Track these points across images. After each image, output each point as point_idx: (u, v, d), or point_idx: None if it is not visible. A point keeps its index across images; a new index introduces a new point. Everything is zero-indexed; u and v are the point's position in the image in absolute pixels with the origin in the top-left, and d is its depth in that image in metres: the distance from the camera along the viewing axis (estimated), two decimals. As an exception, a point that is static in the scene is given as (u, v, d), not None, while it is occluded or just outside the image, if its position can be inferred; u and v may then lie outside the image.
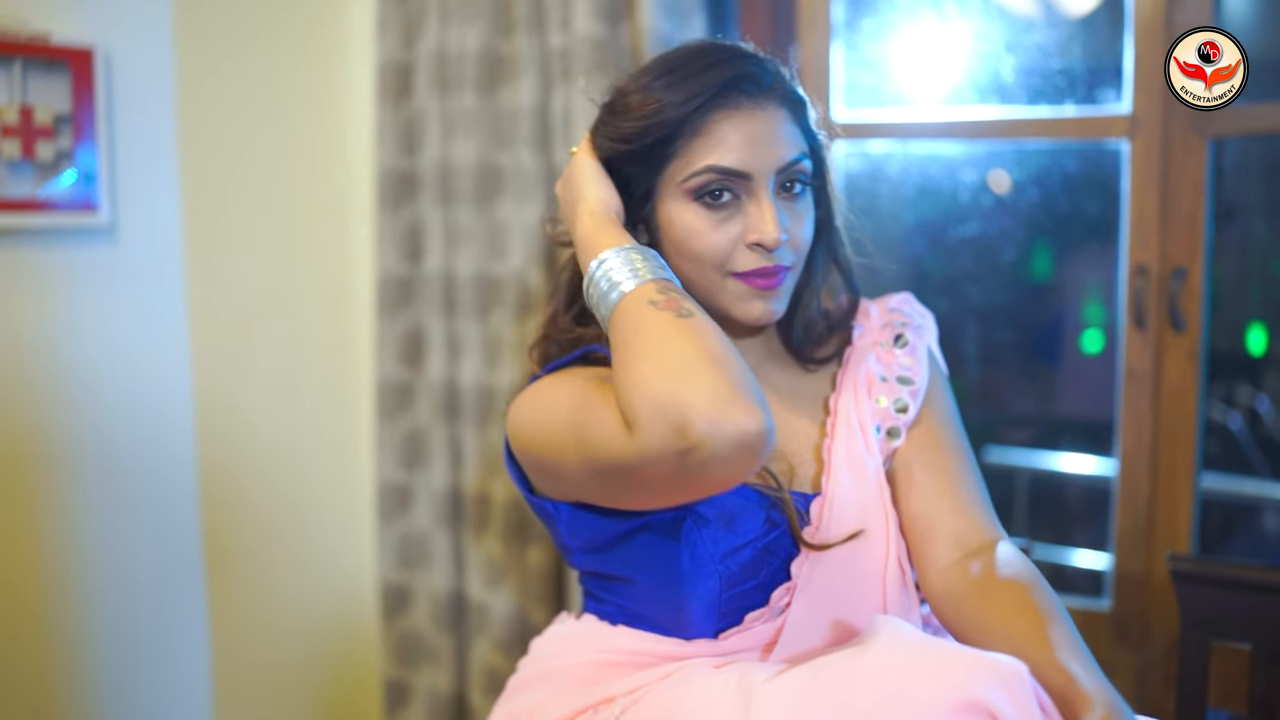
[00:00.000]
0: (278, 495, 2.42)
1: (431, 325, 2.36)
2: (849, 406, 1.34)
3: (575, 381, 1.22)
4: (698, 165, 1.23)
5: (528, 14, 2.17)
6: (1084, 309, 2.83)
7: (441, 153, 2.31)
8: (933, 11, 2.22)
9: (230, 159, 2.32)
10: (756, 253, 1.23)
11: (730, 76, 1.23)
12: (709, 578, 1.24)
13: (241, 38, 2.33)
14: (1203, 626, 1.60)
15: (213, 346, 2.29)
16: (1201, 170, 1.90)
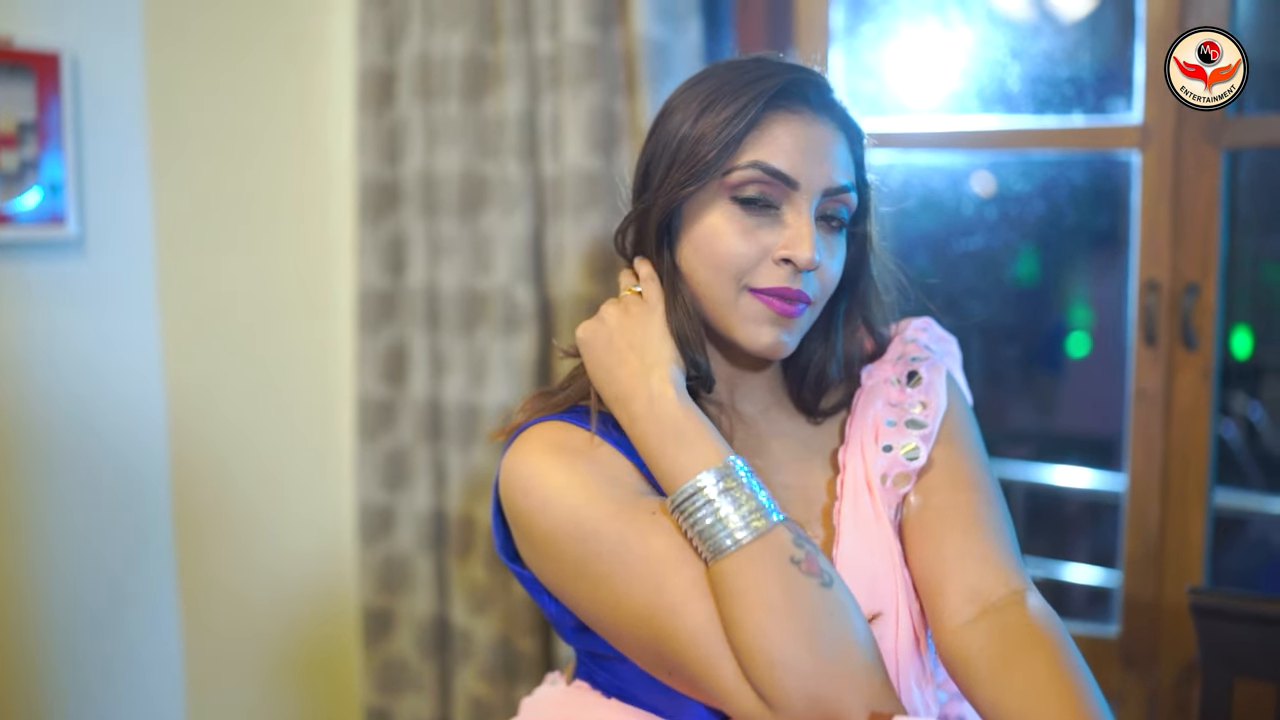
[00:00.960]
0: (255, 517, 2.33)
1: (414, 341, 2.28)
2: (856, 461, 1.21)
3: (634, 528, 1.07)
4: (744, 160, 1.12)
5: (514, 18, 2.09)
6: (1071, 312, 2.77)
7: (425, 162, 2.23)
8: (935, 17, 2.15)
9: (205, 168, 2.24)
10: (783, 270, 1.12)
11: (794, 79, 1.14)
12: None
13: (216, 42, 2.24)
14: (1225, 663, 1.53)
15: (187, 364, 2.20)
16: (1215, 183, 1.84)
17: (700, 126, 1.13)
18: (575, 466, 1.11)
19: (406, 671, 2.36)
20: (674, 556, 1.04)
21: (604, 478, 1.11)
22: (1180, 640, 1.93)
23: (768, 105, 1.13)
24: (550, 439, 1.14)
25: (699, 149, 1.13)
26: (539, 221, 2.13)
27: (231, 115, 2.27)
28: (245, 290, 2.31)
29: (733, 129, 1.12)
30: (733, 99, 1.12)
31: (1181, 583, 1.92)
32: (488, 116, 2.17)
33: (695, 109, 1.15)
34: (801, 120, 1.14)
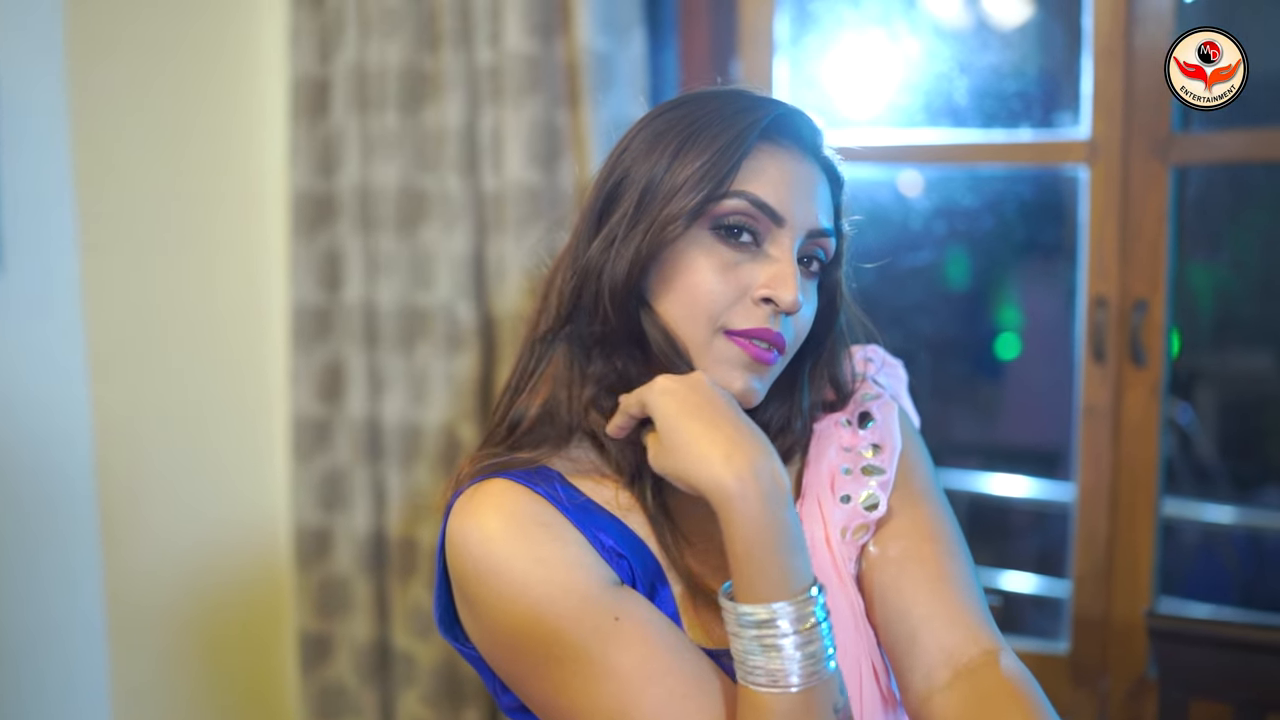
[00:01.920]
0: (186, 541, 2.25)
1: (351, 358, 2.22)
2: (814, 515, 1.13)
3: (598, 637, 0.98)
4: (731, 188, 1.03)
5: (454, 28, 2.04)
6: (999, 313, 2.77)
7: (361, 175, 2.16)
8: (880, 29, 2.13)
9: (132, 181, 2.16)
10: (762, 310, 1.03)
11: (788, 112, 1.08)
12: None
13: (142, 52, 2.17)
14: (1182, 685, 1.52)
15: (114, 384, 2.12)
16: (1163, 199, 1.83)
17: (684, 159, 1.04)
18: (536, 547, 1.00)
19: (345, 697, 2.29)
20: (641, 674, 0.96)
21: (566, 563, 1.00)
22: (1130, 656, 1.92)
23: (761, 136, 1.05)
24: (506, 504, 1.03)
25: (684, 183, 1.03)
26: (480, 237, 2.08)
27: (159, 126, 2.19)
28: (174, 306, 2.23)
29: (726, 158, 1.03)
30: (723, 128, 1.04)
31: (1131, 598, 1.92)
32: (427, 129, 2.11)
33: (674, 142, 1.05)
34: (791, 157, 1.07)
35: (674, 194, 1.03)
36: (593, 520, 1.05)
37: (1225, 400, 2.83)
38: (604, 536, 1.04)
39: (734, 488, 0.93)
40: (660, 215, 1.03)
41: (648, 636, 0.98)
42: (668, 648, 0.98)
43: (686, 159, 1.04)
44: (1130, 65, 1.83)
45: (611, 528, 1.06)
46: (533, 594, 0.98)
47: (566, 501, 1.04)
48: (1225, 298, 2.64)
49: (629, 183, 1.07)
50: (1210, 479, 2.78)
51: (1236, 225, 2.54)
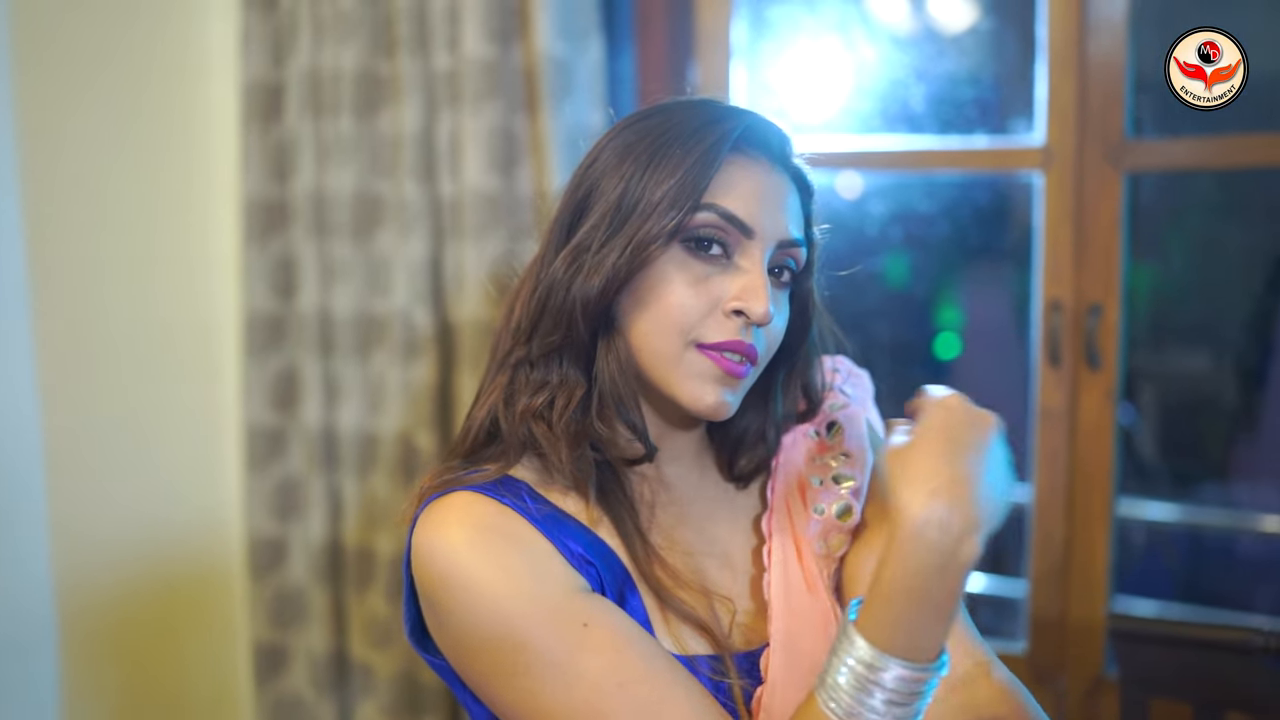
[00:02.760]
0: (136, 552, 2.21)
1: (306, 366, 2.19)
2: (783, 527, 1.13)
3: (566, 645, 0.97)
4: (700, 201, 1.03)
5: (411, 33, 2.02)
6: (939, 313, 2.80)
7: (315, 181, 2.14)
8: (837, 36, 2.15)
9: (80, 187, 2.11)
10: (733, 322, 1.03)
11: (758, 124, 1.08)
12: None
13: (88, 55, 2.12)
14: (1142, 685, 1.54)
15: (63, 393, 2.08)
16: (1117, 205, 1.86)
17: (655, 176, 1.03)
18: (502, 557, 0.99)
19: (301, 708, 2.26)
20: (612, 679, 0.96)
21: (534, 572, 0.99)
22: (1087, 655, 1.95)
23: (731, 148, 1.05)
24: (471, 516, 1.02)
25: (660, 201, 1.02)
26: (437, 243, 2.06)
27: (106, 132, 2.15)
28: (123, 315, 2.19)
29: (698, 173, 1.03)
30: (694, 142, 1.04)
31: (1088, 598, 1.94)
32: (383, 134, 2.09)
33: (645, 158, 1.05)
34: (761, 168, 1.07)
35: (650, 212, 1.02)
36: (561, 529, 1.04)
37: (1165, 400, 2.87)
38: (573, 544, 1.04)
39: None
40: (638, 235, 1.02)
41: (618, 642, 0.97)
42: (639, 654, 0.98)
43: (659, 174, 1.03)
44: (1084, 73, 1.86)
45: (581, 536, 1.05)
46: (500, 604, 0.97)
47: (535, 512, 1.03)
48: (1164, 299, 2.69)
49: (598, 195, 1.06)
50: (1151, 477, 2.83)
51: (1174, 228, 2.59)
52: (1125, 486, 2.74)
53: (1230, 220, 2.43)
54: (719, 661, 1.04)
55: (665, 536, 1.10)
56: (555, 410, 1.07)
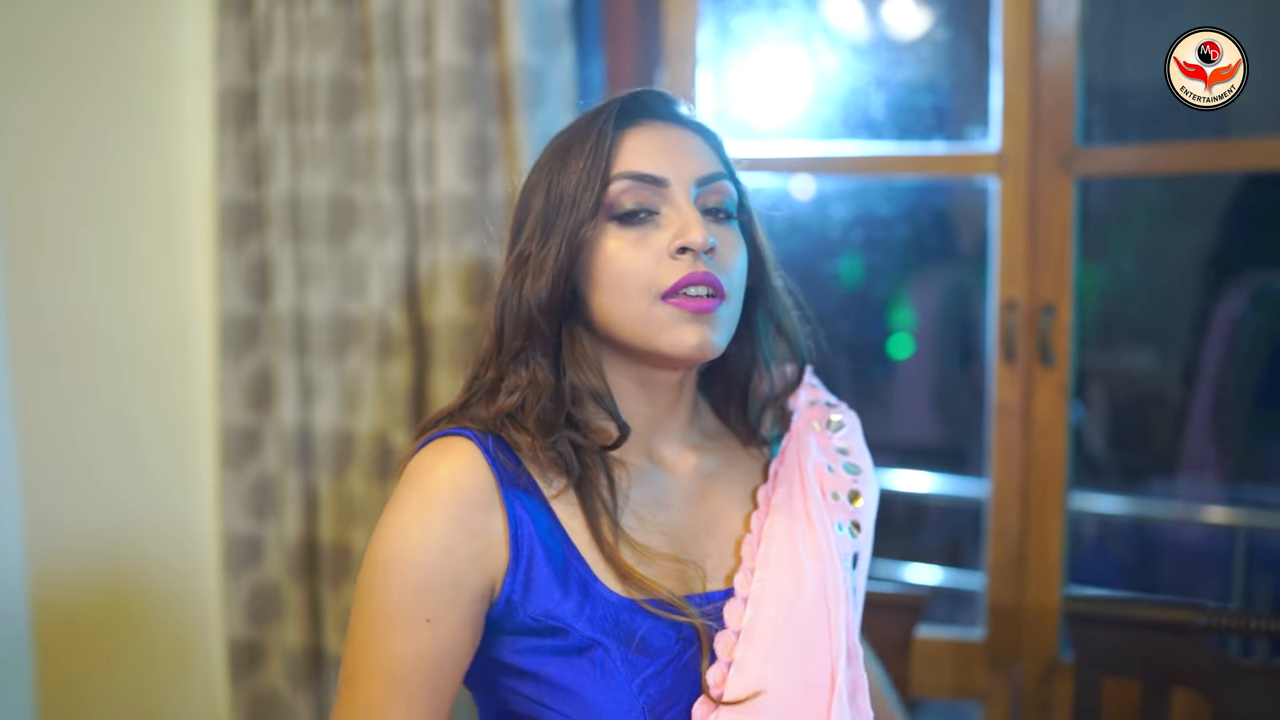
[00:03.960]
0: (110, 550, 2.24)
1: (281, 367, 2.22)
2: (792, 500, 1.22)
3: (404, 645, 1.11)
4: (609, 175, 1.12)
5: (385, 40, 2.06)
6: (892, 314, 2.88)
7: (291, 185, 2.17)
8: (800, 45, 2.22)
9: (53, 190, 2.13)
10: (683, 260, 1.11)
11: (634, 94, 1.18)
12: (632, 710, 1.09)
13: (65, 59, 2.14)
14: (1095, 663, 1.63)
15: (38, 394, 2.09)
16: (1068, 209, 1.95)
17: (566, 173, 1.14)
18: (438, 520, 1.10)
19: (278, 703, 2.30)
20: (384, 670, 1.10)
21: (447, 550, 1.10)
22: (1042, 641, 2.04)
23: (617, 125, 1.14)
24: (456, 472, 1.12)
25: (575, 189, 1.13)
26: (412, 246, 2.11)
27: (82, 133, 2.17)
28: (97, 316, 2.21)
29: (597, 154, 1.12)
30: (585, 135, 1.15)
31: (1043, 586, 2.03)
32: (358, 139, 2.13)
33: (555, 163, 1.16)
34: (653, 128, 1.16)
35: (571, 203, 1.13)
36: (522, 499, 1.12)
37: (1114, 397, 2.98)
38: (526, 516, 1.12)
39: None
40: (568, 226, 1.12)
41: (423, 655, 1.09)
42: (421, 677, 1.10)
43: (569, 170, 1.14)
44: (1037, 82, 1.95)
45: (537, 511, 1.13)
46: (403, 543, 1.10)
47: (510, 481, 1.12)
48: (1112, 299, 2.79)
49: (528, 208, 1.17)
50: (1100, 472, 2.93)
51: (1123, 232, 2.69)
52: (1075, 481, 2.84)
53: (1175, 223, 2.53)
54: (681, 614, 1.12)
55: (639, 518, 1.17)
56: (526, 408, 1.14)
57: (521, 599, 1.10)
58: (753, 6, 2.24)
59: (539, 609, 1.10)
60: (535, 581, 1.10)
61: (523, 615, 1.10)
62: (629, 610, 1.10)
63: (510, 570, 1.10)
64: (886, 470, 2.93)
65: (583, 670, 1.09)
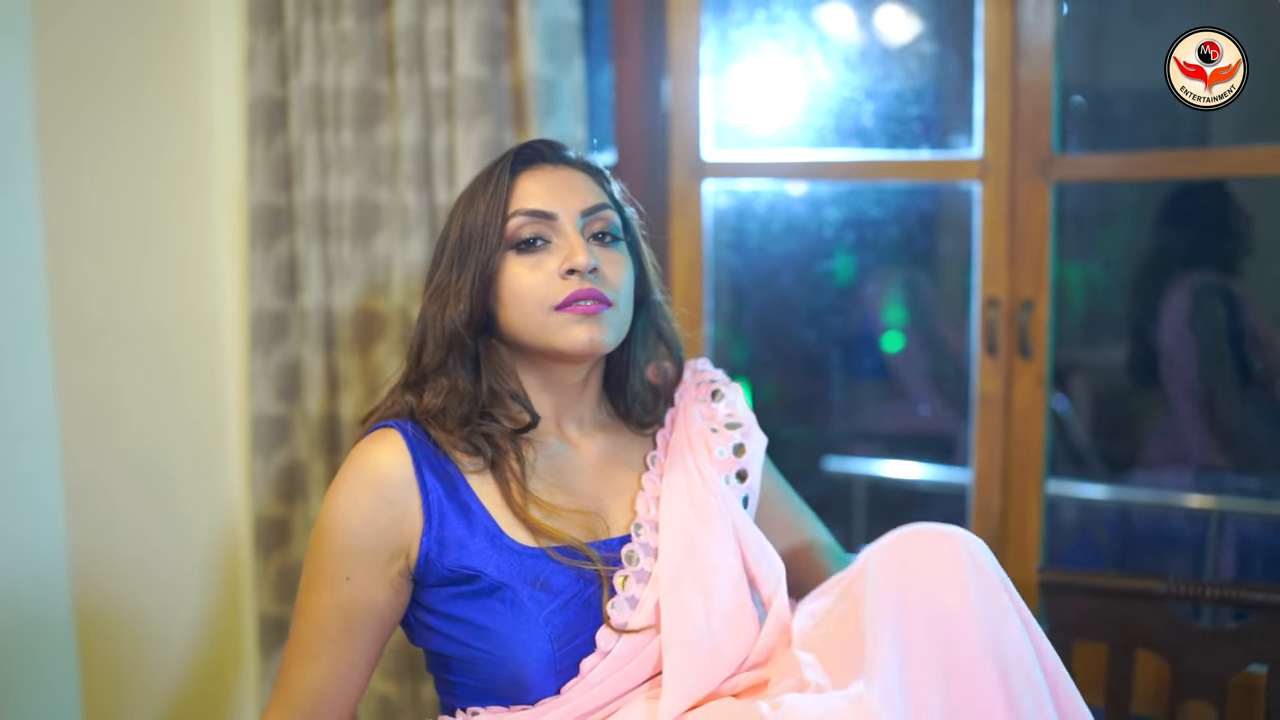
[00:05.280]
0: (146, 531, 2.38)
1: (309, 360, 2.37)
2: (684, 460, 1.47)
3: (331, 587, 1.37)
4: (509, 213, 1.39)
5: (408, 54, 2.21)
6: (886, 312, 3.02)
7: (319, 188, 2.32)
8: (796, 58, 2.37)
9: (94, 192, 2.27)
10: (571, 280, 1.36)
11: (525, 146, 1.45)
12: (539, 639, 1.32)
13: (102, 71, 2.28)
14: (1066, 629, 1.78)
15: (78, 384, 2.23)
16: (1046, 212, 2.09)
17: (473, 211, 1.41)
18: (365, 498, 1.36)
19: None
20: (311, 618, 1.38)
21: (368, 520, 1.35)
22: (1021, 614, 2.18)
23: (513, 171, 1.41)
24: (376, 459, 1.37)
25: (482, 227, 1.39)
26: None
27: (118, 141, 2.31)
28: (133, 310, 2.35)
29: (496, 197, 1.39)
30: (488, 181, 1.42)
31: (1022, 565, 2.17)
32: (381, 146, 2.28)
33: (465, 204, 1.43)
34: (542, 170, 1.43)
35: (480, 238, 1.39)
36: (437, 474, 1.38)
37: (1096, 390, 3.13)
38: (440, 487, 1.37)
39: None
40: (479, 257, 1.39)
41: (341, 605, 1.36)
42: (340, 624, 1.37)
43: (474, 211, 1.41)
44: (1016, 93, 2.09)
45: (453, 484, 1.39)
46: (335, 513, 1.36)
47: (429, 468, 1.38)
48: (1095, 296, 2.94)
49: (446, 248, 1.44)
50: (1084, 462, 3.08)
51: (1099, 233, 2.84)
52: (1059, 469, 2.99)
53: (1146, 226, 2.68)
54: (585, 559, 1.37)
55: (547, 484, 1.42)
56: (448, 410, 1.41)
57: (438, 555, 1.35)
58: (752, 21, 2.39)
59: (454, 561, 1.34)
60: (448, 539, 1.35)
61: (440, 569, 1.35)
62: (534, 557, 1.35)
63: (425, 532, 1.35)
64: (878, 460, 3.08)
65: (494, 610, 1.34)
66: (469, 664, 1.37)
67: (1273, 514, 2.73)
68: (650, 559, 1.38)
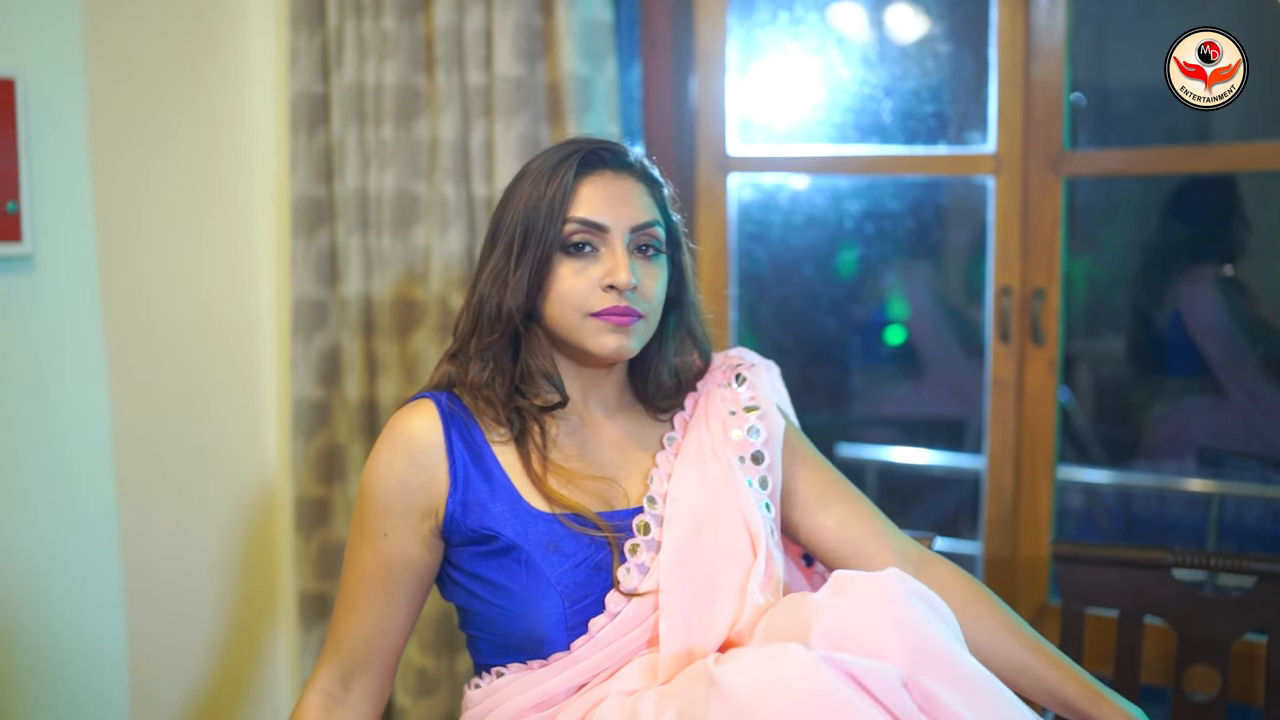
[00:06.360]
0: (192, 510, 2.48)
1: (348, 346, 2.46)
2: (695, 439, 1.56)
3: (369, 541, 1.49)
4: (567, 217, 1.46)
5: (448, 53, 2.30)
6: (888, 306, 3.12)
7: (359, 181, 2.41)
8: (818, 57, 2.47)
9: (140, 186, 2.37)
10: (610, 294, 1.44)
11: (592, 150, 1.50)
12: (551, 596, 1.43)
13: (149, 69, 2.38)
14: (1078, 597, 1.88)
15: (129, 370, 2.32)
16: (1057, 205, 2.20)
17: (536, 210, 1.47)
18: (399, 459, 1.48)
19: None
20: (354, 571, 1.51)
21: (401, 479, 1.47)
22: (1033, 588, 2.29)
23: (577, 174, 1.48)
24: (410, 426, 1.49)
25: (540, 225, 1.46)
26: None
27: (163, 138, 2.41)
28: (181, 301, 2.45)
29: (558, 201, 1.46)
30: (553, 177, 1.48)
31: (1035, 542, 2.28)
32: (420, 141, 2.37)
33: (531, 192, 1.49)
34: (603, 178, 1.49)
35: (539, 235, 1.47)
36: (466, 439, 1.49)
37: (1098, 380, 3.23)
38: (467, 455, 1.48)
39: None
40: (538, 255, 1.47)
41: (380, 560, 1.49)
42: (381, 577, 1.49)
43: (539, 207, 1.47)
44: (1029, 92, 2.19)
45: (480, 452, 1.50)
46: (372, 476, 1.49)
47: (459, 435, 1.49)
48: (1098, 289, 3.04)
49: (503, 229, 1.51)
50: (1086, 449, 3.18)
51: (1107, 226, 2.94)
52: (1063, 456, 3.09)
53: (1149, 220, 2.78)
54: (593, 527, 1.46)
55: (566, 455, 1.52)
56: (495, 384, 1.51)
57: (462, 516, 1.46)
58: (775, 21, 2.49)
59: (475, 522, 1.46)
60: (470, 502, 1.46)
61: (464, 529, 1.46)
62: (548, 522, 1.45)
63: (450, 494, 1.47)
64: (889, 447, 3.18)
65: (510, 569, 1.45)
66: (489, 620, 1.49)
67: (1272, 497, 2.83)
68: (660, 529, 1.48)
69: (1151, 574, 1.84)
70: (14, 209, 2.11)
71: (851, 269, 2.71)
